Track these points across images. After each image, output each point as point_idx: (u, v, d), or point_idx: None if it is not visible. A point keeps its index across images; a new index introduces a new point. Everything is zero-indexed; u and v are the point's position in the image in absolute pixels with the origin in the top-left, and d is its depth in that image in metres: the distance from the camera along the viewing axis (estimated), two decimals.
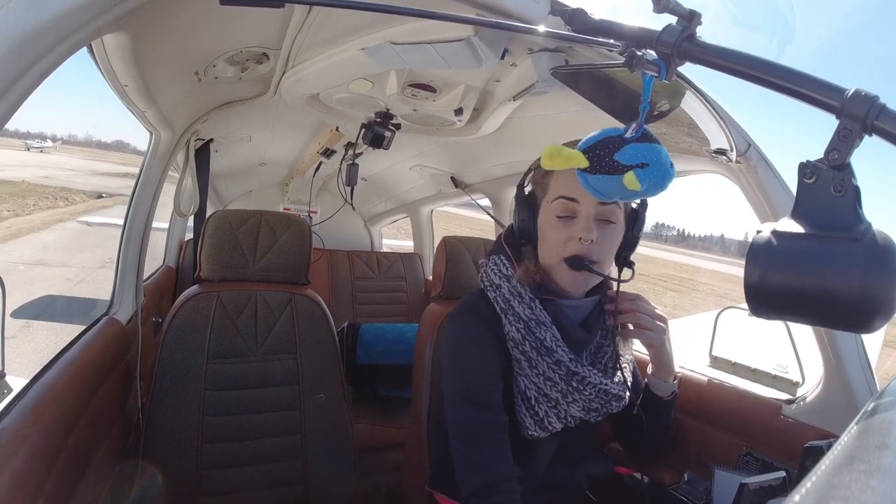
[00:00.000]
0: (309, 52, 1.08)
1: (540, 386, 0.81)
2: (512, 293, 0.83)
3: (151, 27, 0.78)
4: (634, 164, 0.69)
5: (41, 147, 42.76)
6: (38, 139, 51.40)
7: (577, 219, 0.80)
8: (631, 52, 0.54)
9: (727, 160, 0.94)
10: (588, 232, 0.78)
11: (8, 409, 0.71)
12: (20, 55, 0.45)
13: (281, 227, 1.28)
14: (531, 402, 0.82)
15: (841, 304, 0.40)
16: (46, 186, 16.82)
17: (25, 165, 23.89)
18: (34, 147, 41.94)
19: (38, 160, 30.49)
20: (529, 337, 0.80)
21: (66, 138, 77.94)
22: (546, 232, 0.83)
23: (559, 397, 0.81)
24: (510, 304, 0.83)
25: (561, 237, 0.80)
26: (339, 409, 1.24)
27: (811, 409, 0.95)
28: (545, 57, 0.89)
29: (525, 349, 0.81)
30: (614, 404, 0.84)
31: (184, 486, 1.07)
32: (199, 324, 1.15)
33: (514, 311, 0.82)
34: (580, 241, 0.79)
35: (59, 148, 46.18)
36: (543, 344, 0.80)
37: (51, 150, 42.84)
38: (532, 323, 0.81)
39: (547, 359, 0.80)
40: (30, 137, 42.71)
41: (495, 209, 2.03)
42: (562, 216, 0.80)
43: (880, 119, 0.40)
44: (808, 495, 0.20)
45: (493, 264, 0.89)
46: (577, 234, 0.79)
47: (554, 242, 0.81)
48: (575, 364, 0.80)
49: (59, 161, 31.25)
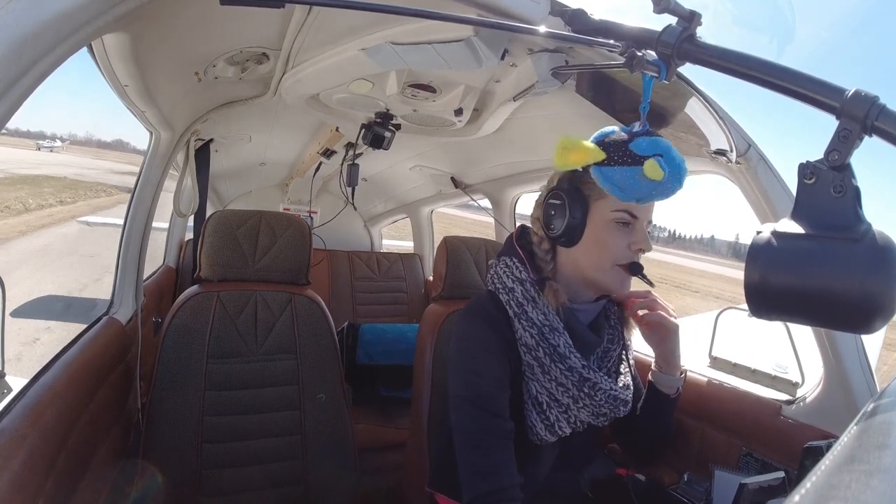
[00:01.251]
0: (309, 53, 1.08)
1: (552, 391, 0.81)
2: (526, 297, 0.82)
3: (151, 27, 0.78)
4: (651, 154, 0.69)
5: (51, 147, 44.51)
6: (48, 139, 53.47)
7: (636, 227, 0.80)
8: (631, 52, 0.54)
9: (727, 161, 0.94)
10: (647, 243, 0.80)
11: (7, 409, 0.71)
12: (20, 55, 0.45)
13: (281, 228, 1.28)
14: (542, 408, 0.81)
15: (841, 305, 0.40)
16: (83, 181, 20.81)
17: (51, 164, 25.94)
18: (45, 147, 43.68)
19: (56, 159, 32.24)
20: (543, 343, 0.80)
21: (64, 137, 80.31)
22: (603, 236, 0.79)
23: (570, 403, 0.81)
24: (524, 308, 0.82)
25: (621, 244, 0.79)
26: (339, 410, 1.23)
27: (811, 409, 0.95)
28: (545, 57, 0.89)
29: (538, 355, 0.80)
30: (622, 409, 0.84)
31: (184, 486, 1.07)
32: (199, 324, 1.14)
33: (527, 316, 0.81)
34: (638, 251, 0.80)
35: (67, 148, 47.97)
36: (557, 350, 0.79)
37: (60, 149, 44.49)
38: (546, 329, 0.80)
39: (560, 365, 0.79)
40: (30, 136, 43.96)
41: (495, 210, 2.03)
42: (621, 223, 0.79)
43: (880, 119, 0.40)
44: (808, 495, 0.20)
45: (504, 266, 0.87)
46: (637, 243, 0.79)
47: (612, 248, 0.79)
48: (587, 371, 0.80)
49: (73, 160, 33.06)
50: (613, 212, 0.78)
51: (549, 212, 0.82)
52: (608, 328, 0.89)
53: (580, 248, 0.81)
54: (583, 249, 0.81)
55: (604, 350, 0.87)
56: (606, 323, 0.89)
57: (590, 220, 0.80)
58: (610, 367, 0.87)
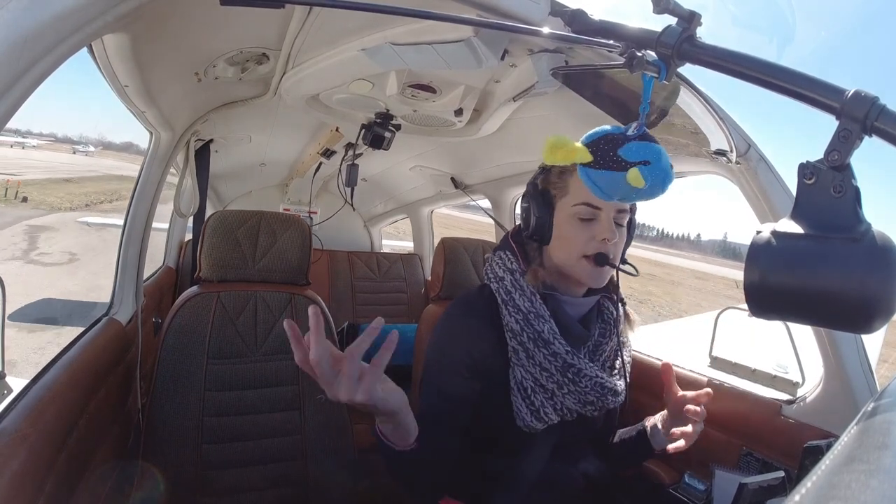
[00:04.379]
0: (309, 53, 1.08)
1: (536, 376, 0.83)
2: (514, 286, 0.86)
3: (151, 27, 0.78)
4: (638, 161, 0.70)
5: (85, 151, 51.09)
6: (81, 144, 60.99)
7: (599, 220, 0.83)
8: (631, 52, 0.54)
9: (727, 161, 0.95)
10: (612, 233, 0.83)
11: (8, 409, 0.71)
12: (20, 55, 0.45)
13: (281, 228, 1.28)
14: (527, 392, 0.84)
15: (841, 305, 0.40)
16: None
17: (97, 166, 29.35)
18: (80, 150, 50.31)
19: (94, 162, 37.09)
20: (528, 328, 0.83)
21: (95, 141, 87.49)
22: (566, 231, 0.85)
23: (555, 388, 0.83)
24: (511, 295, 0.85)
25: (583, 237, 0.83)
26: (339, 410, 1.23)
27: (811, 409, 0.95)
28: (545, 58, 0.89)
29: (522, 339, 0.83)
30: (610, 398, 0.85)
31: (184, 486, 1.07)
32: (199, 324, 1.14)
33: (514, 303, 0.85)
34: (603, 241, 0.83)
35: (99, 153, 55.05)
36: (541, 336, 0.82)
37: (92, 153, 50.76)
38: (531, 315, 0.83)
39: (544, 350, 0.82)
40: (36, 138, 46.88)
41: (495, 210, 2.03)
42: (584, 218, 0.83)
43: (880, 120, 0.40)
44: (808, 495, 0.20)
45: (498, 259, 0.92)
46: (600, 234, 0.83)
47: (575, 241, 0.84)
48: (571, 356, 0.82)
49: (110, 164, 35.14)
50: (573, 206, 0.83)
51: (524, 214, 0.90)
52: (600, 323, 0.91)
53: (553, 245, 0.87)
54: (554, 245, 0.87)
55: (595, 344, 0.89)
56: (599, 318, 0.92)
57: (556, 218, 0.86)
58: (603, 362, 0.89)
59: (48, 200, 16.36)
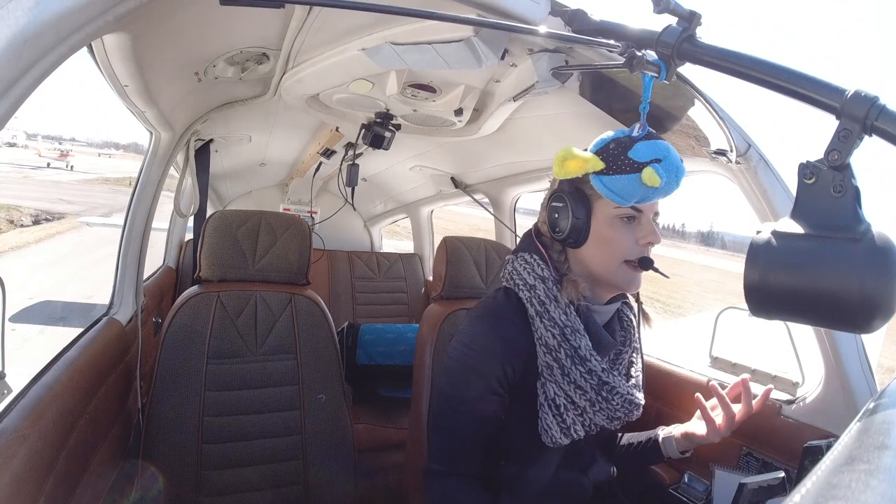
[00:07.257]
0: (309, 53, 1.08)
1: (570, 394, 0.79)
2: (548, 296, 0.80)
3: (151, 27, 0.77)
4: (649, 160, 0.70)
5: (109, 154, 56.50)
6: (105, 147, 68.11)
7: (640, 223, 0.79)
8: (631, 52, 0.54)
9: (727, 161, 0.95)
10: (656, 235, 0.78)
11: (8, 409, 0.71)
12: (20, 55, 0.45)
13: (281, 228, 1.28)
14: (559, 410, 0.79)
15: (841, 305, 0.40)
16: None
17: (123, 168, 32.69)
18: (104, 153, 55.56)
19: (117, 164, 40.42)
20: (565, 344, 0.78)
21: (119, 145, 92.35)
22: (607, 234, 0.78)
23: (587, 406, 0.80)
24: (546, 307, 0.79)
25: (626, 240, 0.78)
26: (339, 410, 1.23)
27: (811, 409, 0.95)
28: (545, 57, 0.89)
29: (559, 356, 0.78)
30: (635, 413, 0.84)
31: (184, 486, 1.07)
32: (199, 324, 1.14)
33: (549, 316, 0.79)
34: (647, 245, 0.79)
35: (123, 155, 59.14)
36: (578, 353, 0.78)
37: (116, 156, 55.74)
38: (568, 330, 0.78)
39: (580, 367, 0.78)
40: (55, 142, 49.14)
41: (495, 210, 2.03)
42: (625, 217, 0.78)
43: (880, 120, 0.40)
44: (808, 495, 0.20)
45: (524, 262, 0.84)
46: (644, 237, 0.78)
47: (619, 245, 0.78)
48: (607, 374, 0.79)
49: (131, 165, 38.96)
50: (616, 208, 0.77)
51: (553, 214, 0.81)
52: (620, 330, 0.87)
53: (588, 248, 0.80)
54: (590, 249, 0.80)
55: (616, 352, 0.86)
56: (619, 325, 0.88)
57: (594, 219, 0.79)
58: (621, 369, 0.87)
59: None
